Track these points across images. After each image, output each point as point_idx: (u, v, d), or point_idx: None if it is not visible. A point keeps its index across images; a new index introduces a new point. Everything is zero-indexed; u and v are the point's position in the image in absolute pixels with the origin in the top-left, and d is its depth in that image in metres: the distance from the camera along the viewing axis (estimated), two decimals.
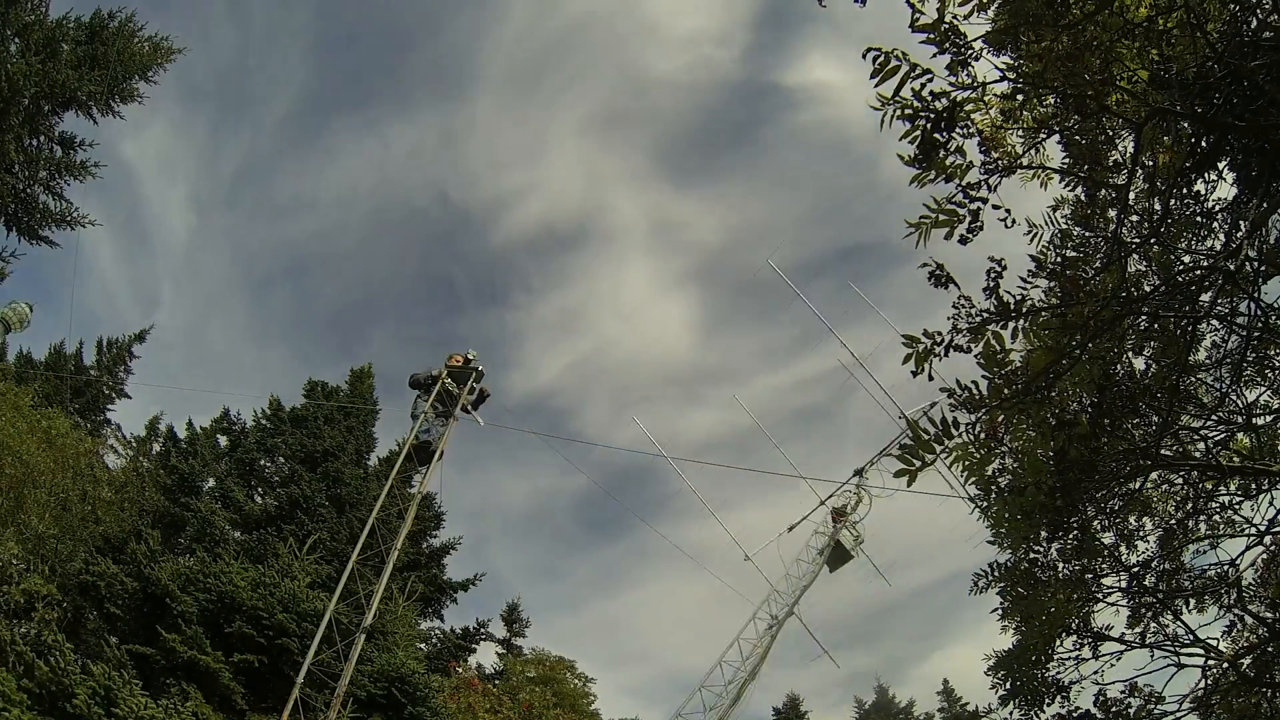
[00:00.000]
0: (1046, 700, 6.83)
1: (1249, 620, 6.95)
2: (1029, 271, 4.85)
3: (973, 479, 4.73)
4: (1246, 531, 6.72)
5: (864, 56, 3.79)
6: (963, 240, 4.23)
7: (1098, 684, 6.91)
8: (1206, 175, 4.68)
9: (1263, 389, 6.55)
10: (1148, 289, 5.22)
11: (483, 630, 26.94)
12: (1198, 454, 6.34)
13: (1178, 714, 6.63)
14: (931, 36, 3.84)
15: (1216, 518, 6.98)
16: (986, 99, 4.24)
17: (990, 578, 6.64)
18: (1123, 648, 7.01)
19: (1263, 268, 4.65)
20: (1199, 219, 5.28)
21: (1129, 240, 5.05)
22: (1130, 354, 5.82)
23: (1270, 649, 6.41)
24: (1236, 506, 6.83)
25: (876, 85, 3.82)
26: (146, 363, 26.82)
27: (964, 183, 4.16)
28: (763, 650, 13.75)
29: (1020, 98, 4.39)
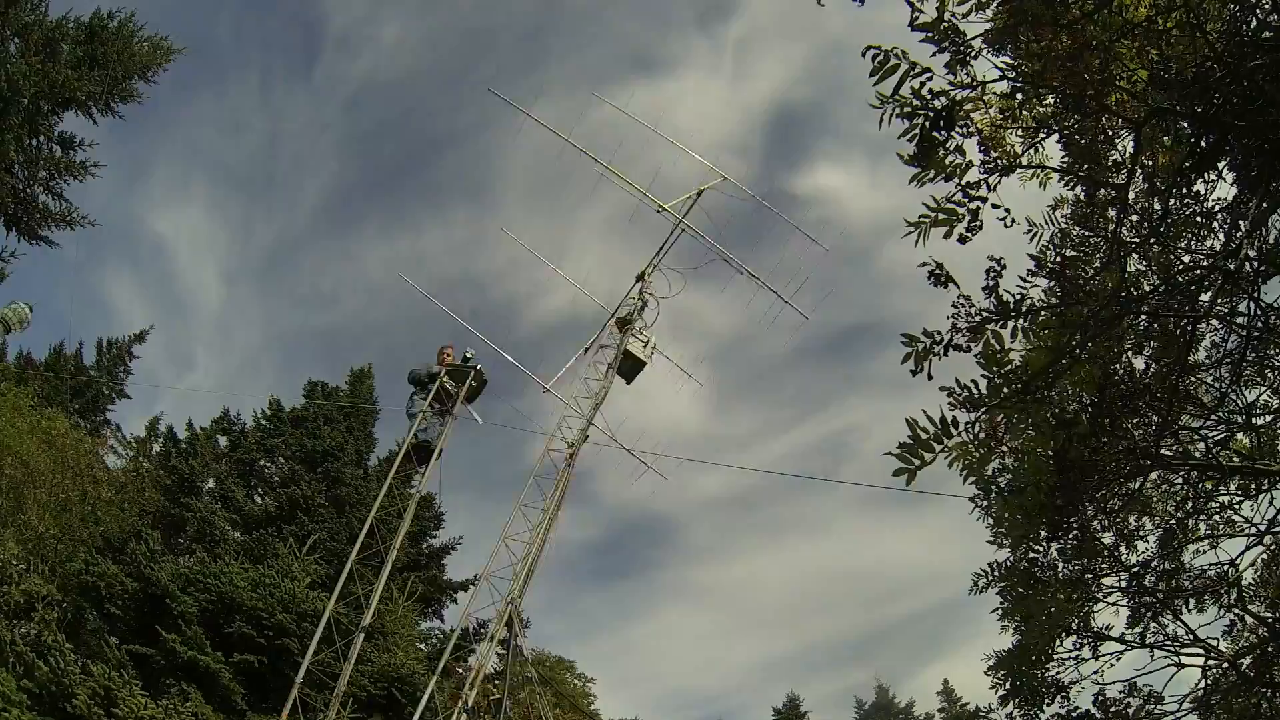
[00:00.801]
0: (1046, 700, 6.83)
1: (1249, 620, 6.95)
2: (1029, 271, 4.85)
3: (972, 479, 4.72)
4: (1246, 531, 6.72)
5: (863, 55, 3.79)
6: (962, 239, 4.23)
7: (1098, 684, 6.92)
8: (1206, 175, 4.67)
9: (1263, 389, 6.55)
10: (1148, 289, 5.21)
11: (483, 630, 26.93)
12: (1198, 454, 6.34)
13: (1178, 714, 6.63)
14: (931, 35, 3.84)
15: (1216, 518, 6.98)
16: (986, 98, 4.24)
17: (990, 577, 6.64)
18: (1123, 648, 7.02)
19: (1263, 268, 4.64)
20: (1199, 219, 5.28)
21: (1129, 240, 5.05)
22: (1130, 354, 5.81)
23: (1270, 649, 6.41)
24: (1236, 506, 6.83)
25: (876, 84, 3.82)
26: (146, 364, 26.86)
27: (963, 182, 4.16)
28: (561, 487, 12.94)
29: (1020, 97, 4.38)
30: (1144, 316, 5.24)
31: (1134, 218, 5.31)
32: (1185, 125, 4.43)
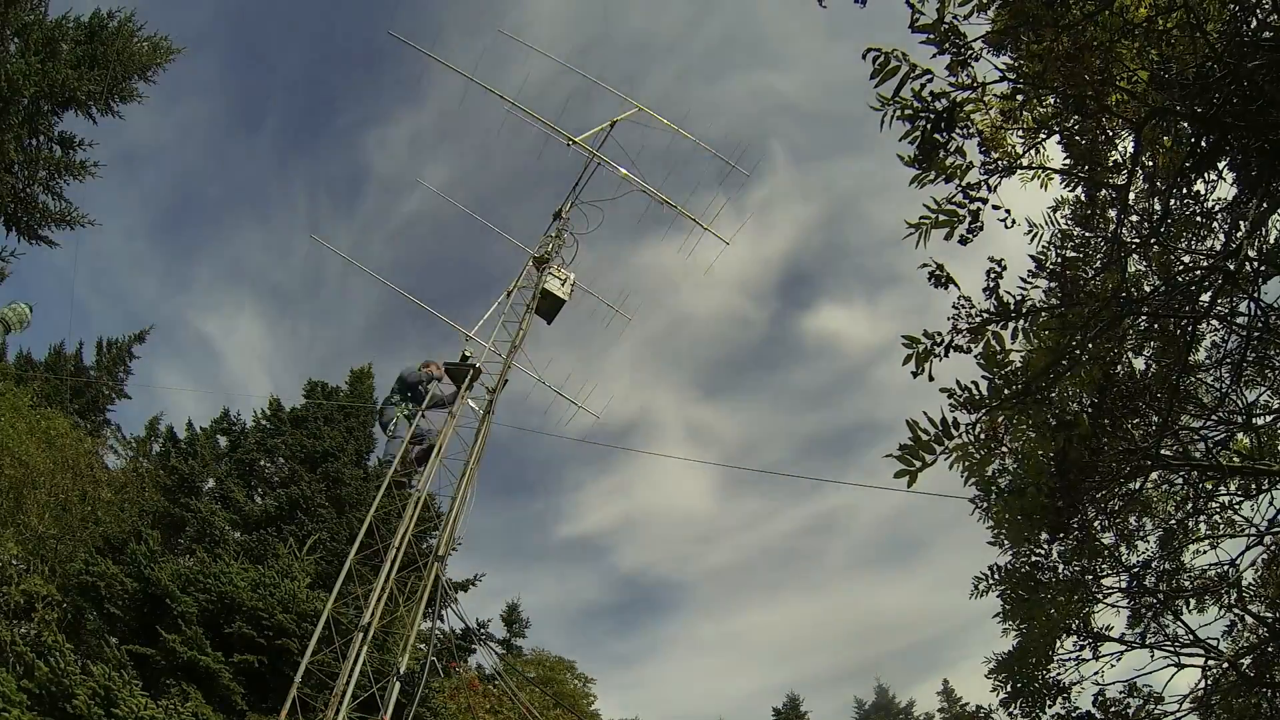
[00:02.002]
0: (1047, 701, 6.83)
1: (1249, 620, 6.95)
2: (1029, 272, 4.85)
3: (972, 479, 4.72)
4: (1246, 531, 6.72)
5: (864, 56, 3.79)
6: (963, 240, 4.23)
7: (1098, 684, 6.92)
8: (1206, 175, 4.67)
9: (1263, 389, 6.55)
10: (1148, 289, 5.21)
11: (483, 630, 26.95)
12: (1198, 454, 6.34)
13: (1178, 714, 6.63)
14: (931, 37, 3.84)
15: (1216, 518, 6.98)
16: (986, 99, 4.24)
17: (990, 580, 6.63)
18: (1123, 648, 7.02)
19: (1263, 268, 4.64)
20: (1199, 219, 5.28)
21: (1129, 240, 5.05)
22: (1130, 354, 5.81)
23: (1270, 649, 6.41)
24: (1236, 506, 6.83)
25: (876, 85, 3.82)
26: (147, 364, 26.91)
27: (964, 183, 4.16)
28: (481, 437, 12.59)
29: (1020, 98, 4.39)
30: (1144, 317, 5.24)
31: (1134, 218, 5.31)
32: (1185, 125, 4.43)
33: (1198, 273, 5.02)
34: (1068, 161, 5.02)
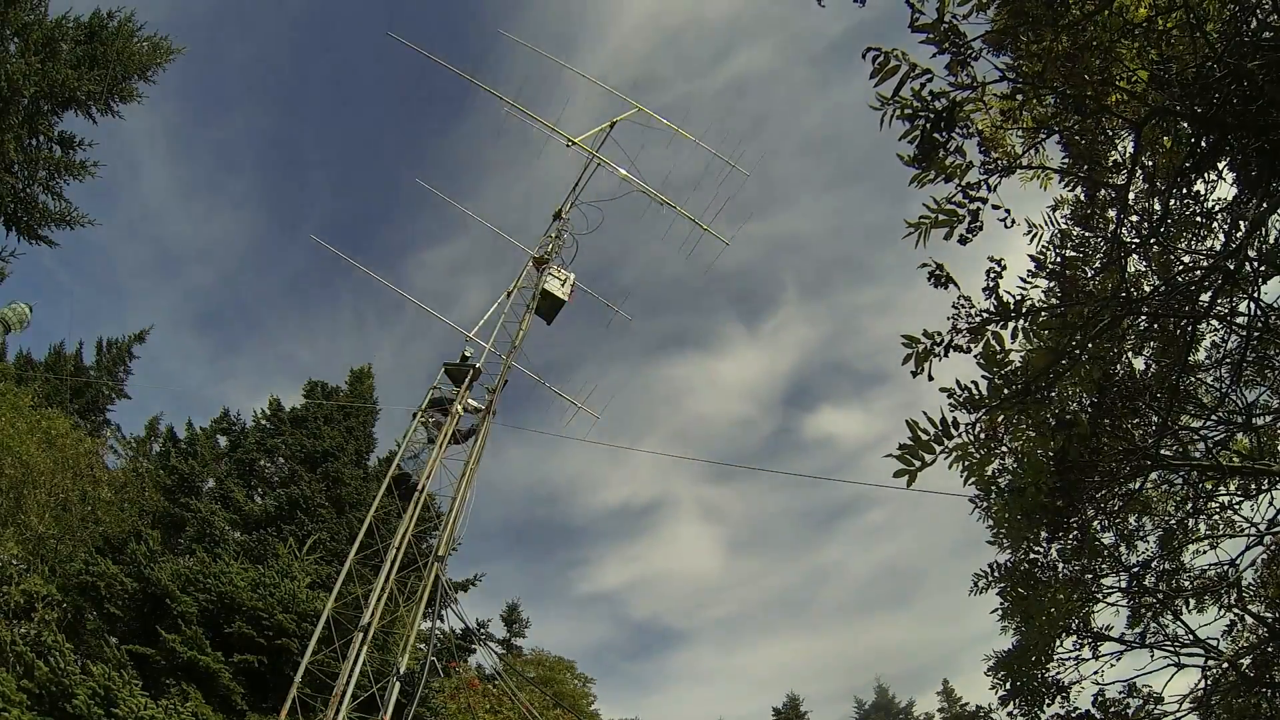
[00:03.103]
0: (1046, 700, 6.83)
1: (1249, 620, 6.95)
2: (1029, 271, 4.84)
3: (972, 479, 4.72)
4: (1246, 531, 6.72)
5: (864, 56, 3.78)
6: (962, 240, 4.22)
7: (1098, 684, 6.92)
8: (1206, 175, 4.67)
9: (1263, 389, 6.55)
10: (1148, 289, 5.21)
11: (483, 630, 26.97)
12: (1198, 454, 6.34)
13: (1178, 714, 6.63)
14: (931, 36, 3.83)
15: (1216, 518, 6.98)
16: (986, 99, 4.23)
17: (990, 578, 6.63)
18: (1123, 648, 7.01)
19: (1263, 268, 4.64)
20: (1199, 219, 5.27)
21: (1129, 240, 5.05)
22: (1130, 354, 5.81)
23: (1270, 649, 6.40)
24: (1236, 506, 6.83)
25: (876, 85, 3.82)
26: (146, 364, 26.93)
27: (963, 183, 4.15)
28: (481, 436, 12.55)
29: (1020, 98, 4.38)
30: (1144, 317, 5.24)
31: (1134, 218, 5.30)
32: (1185, 125, 4.43)
33: (1198, 273, 5.02)
34: (1067, 161, 5.02)
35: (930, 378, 4.34)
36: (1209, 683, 6.59)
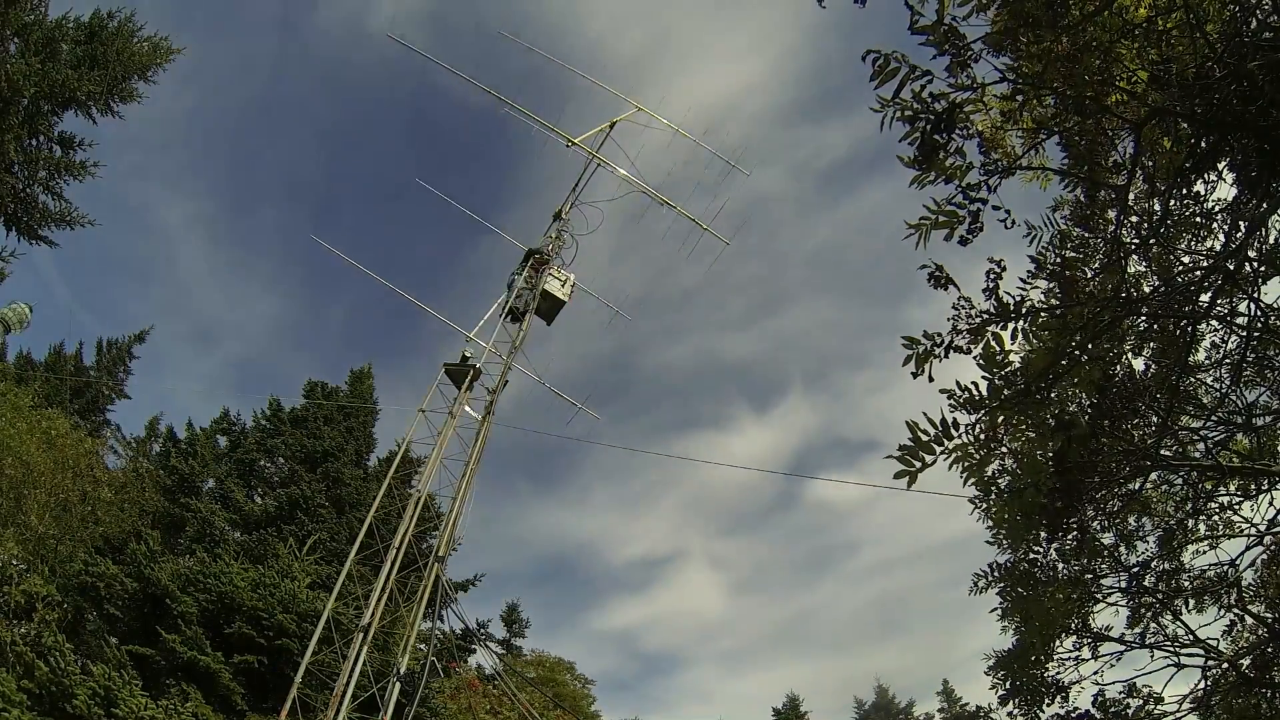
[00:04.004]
0: (1046, 700, 6.83)
1: (1249, 620, 6.95)
2: (1028, 272, 4.84)
3: (972, 480, 4.72)
4: (1246, 531, 6.72)
5: (864, 59, 3.78)
6: (963, 241, 4.22)
7: (1097, 684, 6.92)
8: (1206, 176, 4.67)
9: (1263, 389, 6.55)
10: (1147, 290, 5.21)
11: (483, 631, 26.98)
12: (1198, 454, 6.34)
13: (1178, 714, 6.63)
14: (931, 38, 3.83)
15: (1216, 518, 6.98)
16: (986, 100, 4.24)
17: (990, 578, 6.64)
18: (1123, 648, 7.02)
19: (1263, 268, 4.64)
20: (1199, 219, 5.28)
21: (1129, 241, 5.05)
22: (1130, 354, 5.81)
23: (1270, 649, 6.41)
24: (1236, 506, 6.83)
25: (876, 87, 3.82)
26: (146, 363, 26.95)
27: (964, 184, 4.15)
28: (481, 438, 12.51)
29: (1020, 99, 4.38)
30: (1144, 317, 5.24)
31: (1134, 219, 5.31)
32: (1185, 125, 4.43)
33: (1198, 273, 5.02)
34: (1067, 162, 5.02)
35: (930, 378, 4.34)
36: (1209, 683, 6.59)
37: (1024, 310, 4.48)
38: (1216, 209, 5.18)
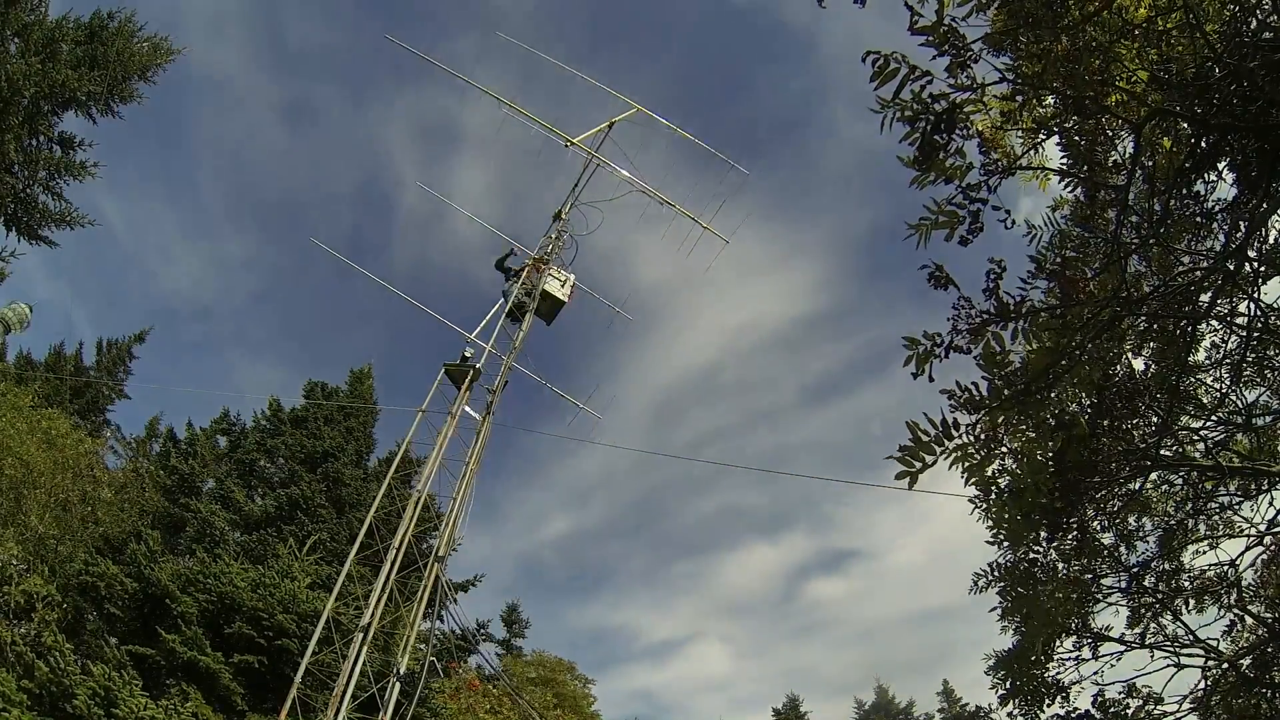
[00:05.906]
0: (1046, 700, 6.83)
1: (1249, 620, 6.95)
2: (1028, 272, 4.84)
3: (972, 480, 4.72)
4: (1246, 531, 6.73)
5: (864, 60, 3.79)
6: (963, 241, 4.23)
7: (1097, 684, 6.92)
8: (1206, 175, 4.67)
9: (1263, 389, 6.56)
10: (1147, 289, 5.21)
11: (483, 631, 26.98)
12: (1198, 454, 6.34)
13: (1178, 714, 6.63)
14: (931, 39, 3.83)
15: (1216, 518, 6.99)
16: (986, 100, 4.24)
17: (990, 578, 6.64)
18: (1123, 648, 7.02)
19: (1263, 268, 4.65)
20: (1199, 219, 5.27)
21: (1128, 241, 5.05)
22: (1130, 354, 5.82)
23: (1270, 649, 6.41)
24: (1236, 506, 6.84)
25: (876, 88, 3.82)
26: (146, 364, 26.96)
27: (964, 184, 4.16)
28: (481, 438, 12.49)
29: (1020, 99, 4.39)
30: (1144, 317, 5.24)
31: (1134, 219, 5.31)
32: (1185, 125, 4.43)
33: (1198, 273, 5.03)
34: (1067, 162, 5.02)
35: (930, 379, 4.34)
36: (1209, 683, 6.60)
37: (1024, 310, 4.48)
38: (1216, 209, 5.17)
